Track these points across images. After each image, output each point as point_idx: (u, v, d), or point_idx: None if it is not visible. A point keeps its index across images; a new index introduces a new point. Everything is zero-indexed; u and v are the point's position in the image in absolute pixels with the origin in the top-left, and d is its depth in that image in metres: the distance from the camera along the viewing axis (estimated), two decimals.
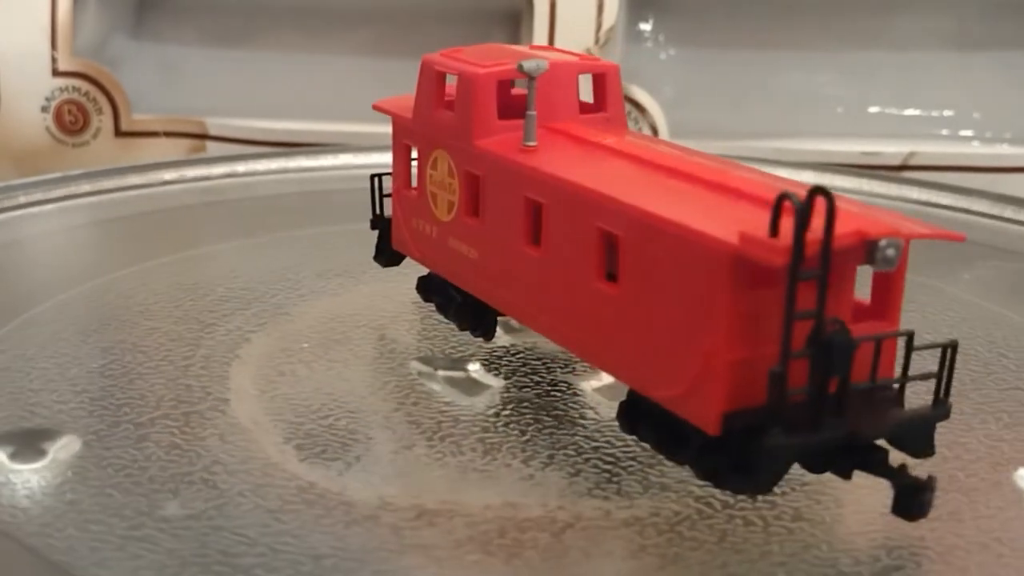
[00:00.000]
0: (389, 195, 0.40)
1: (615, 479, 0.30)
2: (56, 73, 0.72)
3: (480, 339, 0.38)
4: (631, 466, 0.31)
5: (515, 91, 0.36)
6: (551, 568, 0.27)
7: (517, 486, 0.30)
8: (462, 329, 0.38)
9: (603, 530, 0.28)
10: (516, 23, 0.75)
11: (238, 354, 0.38)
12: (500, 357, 0.37)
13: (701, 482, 0.29)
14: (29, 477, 0.30)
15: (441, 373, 0.36)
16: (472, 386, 0.35)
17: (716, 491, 0.29)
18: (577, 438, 0.32)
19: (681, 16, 0.76)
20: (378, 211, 0.41)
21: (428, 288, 0.39)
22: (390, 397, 0.35)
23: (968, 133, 0.74)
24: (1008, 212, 0.56)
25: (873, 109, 0.75)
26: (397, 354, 0.37)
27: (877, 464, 0.27)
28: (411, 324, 0.40)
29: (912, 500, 0.27)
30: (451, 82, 0.35)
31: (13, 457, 0.31)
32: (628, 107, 0.71)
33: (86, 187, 0.58)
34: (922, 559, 0.27)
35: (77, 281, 0.45)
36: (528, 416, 0.34)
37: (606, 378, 0.36)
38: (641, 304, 0.28)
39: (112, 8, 0.77)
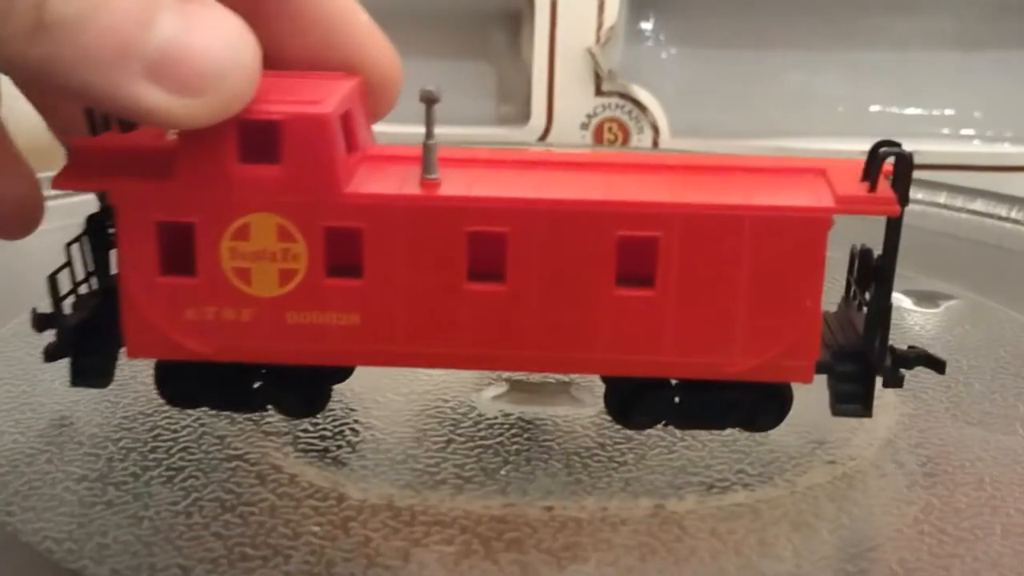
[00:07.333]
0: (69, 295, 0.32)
1: (614, 479, 0.30)
2: None
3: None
4: (631, 466, 0.31)
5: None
6: (551, 569, 0.27)
7: (518, 486, 0.30)
8: (284, 412, 0.32)
9: (603, 530, 0.28)
10: (516, 23, 0.75)
11: None
12: None
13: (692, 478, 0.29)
14: (29, 475, 0.30)
15: (442, 375, 0.36)
16: (473, 387, 0.35)
17: (716, 490, 0.29)
18: (575, 438, 0.32)
19: (682, 15, 0.76)
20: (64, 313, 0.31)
21: (194, 386, 0.32)
22: (391, 398, 0.35)
23: (969, 132, 0.74)
24: (1013, 212, 0.56)
25: (874, 108, 0.75)
26: None
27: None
28: None
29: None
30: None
31: (15, 455, 0.31)
32: (629, 106, 0.71)
33: None
34: None
35: None
36: (527, 417, 0.34)
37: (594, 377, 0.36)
38: (698, 296, 0.28)
39: None
